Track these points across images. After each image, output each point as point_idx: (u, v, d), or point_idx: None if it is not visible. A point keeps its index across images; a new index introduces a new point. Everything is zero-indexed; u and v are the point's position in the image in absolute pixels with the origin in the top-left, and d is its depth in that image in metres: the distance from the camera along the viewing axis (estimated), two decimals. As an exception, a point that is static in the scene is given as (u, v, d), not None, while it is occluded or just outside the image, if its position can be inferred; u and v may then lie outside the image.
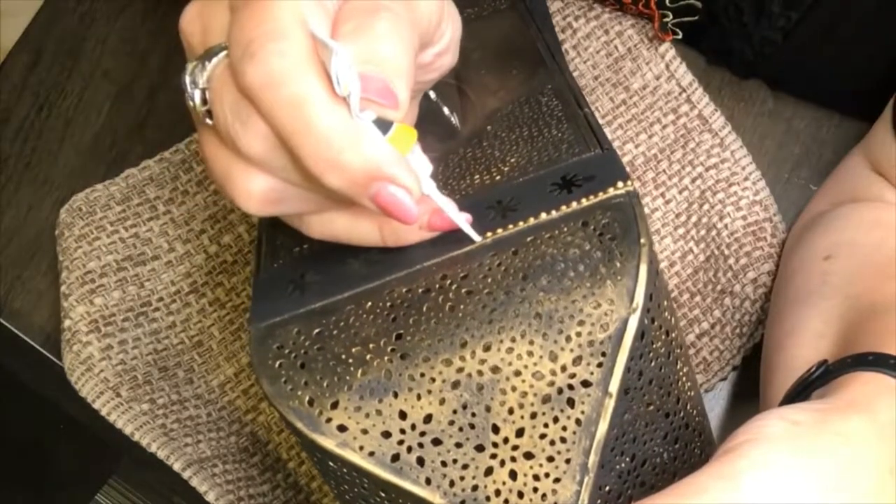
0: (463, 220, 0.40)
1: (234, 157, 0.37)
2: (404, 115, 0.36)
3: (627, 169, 0.59)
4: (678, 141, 0.65)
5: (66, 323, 0.64)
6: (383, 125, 0.35)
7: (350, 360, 0.39)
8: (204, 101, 0.37)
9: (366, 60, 0.35)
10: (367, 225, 0.40)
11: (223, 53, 0.36)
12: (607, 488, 0.40)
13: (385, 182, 0.36)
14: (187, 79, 0.38)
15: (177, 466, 0.60)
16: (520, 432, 0.38)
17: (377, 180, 0.35)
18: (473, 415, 0.38)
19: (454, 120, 0.49)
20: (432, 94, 0.48)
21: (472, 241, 0.41)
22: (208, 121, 0.37)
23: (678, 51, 0.66)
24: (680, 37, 0.64)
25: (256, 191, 0.37)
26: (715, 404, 0.64)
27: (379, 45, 0.35)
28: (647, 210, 0.64)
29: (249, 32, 0.34)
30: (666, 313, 0.41)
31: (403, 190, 0.36)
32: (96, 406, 0.62)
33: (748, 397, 0.64)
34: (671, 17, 0.64)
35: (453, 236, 0.41)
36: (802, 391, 0.44)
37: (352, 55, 0.35)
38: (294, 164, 0.36)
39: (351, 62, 0.34)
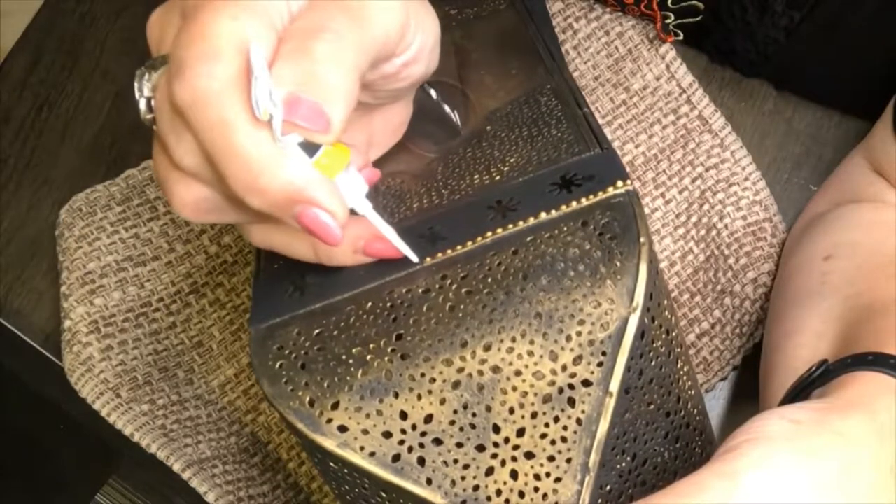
0: (402, 243, 0.41)
1: (172, 165, 0.37)
2: (337, 136, 0.36)
3: (627, 169, 0.59)
4: (678, 141, 0.65)
5: (67, 323, 0.64)
6: (312, 147, 0.36)
7: (350, 361, 0.39)
8: (150, 109, 0.38)
9: (300, 83, 0.35)
10: (301, 242, 0.40)
11: (168, 65, 0.36)
12: (608, 488, 0.40)
13: (306, 205, 0.36)
14: (135, 85, 0.38)
15: (177, 467, 0.60)
16: (520, 432, 0.38)
17: (298, 203, 0.36)
18: (474, 415, 0.38)
19: (455, 119, 0.49)
20: (434, 94, 0.48)
21: (472, 241, 0.41)
22: (154, 127, 0.38)
23: (679, 50, 0.66)
24: (681, 38, 0.65)
25: (190, 200, 0.38)
26: (715, 404, 0.64)
27: (315, 68, 0.35)
28: (647, 210, 0.64)
29: (184, 50, 0.34)
30: (666, 312, 0.41)
31: (326, 213, 0.36)
32: (96, 407, 0.62)
33: (748, 397, 0.64)
34: (673, 18, 0.64)
35: (452, 237, 0.41)
36: (802, 391, 0.44)
37: (284, 75, 0.34)
38: (222, 181, 0.36)
39: (272, 87, 0.34)
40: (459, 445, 0.38)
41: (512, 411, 0.38)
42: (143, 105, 0.38)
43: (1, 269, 0.69)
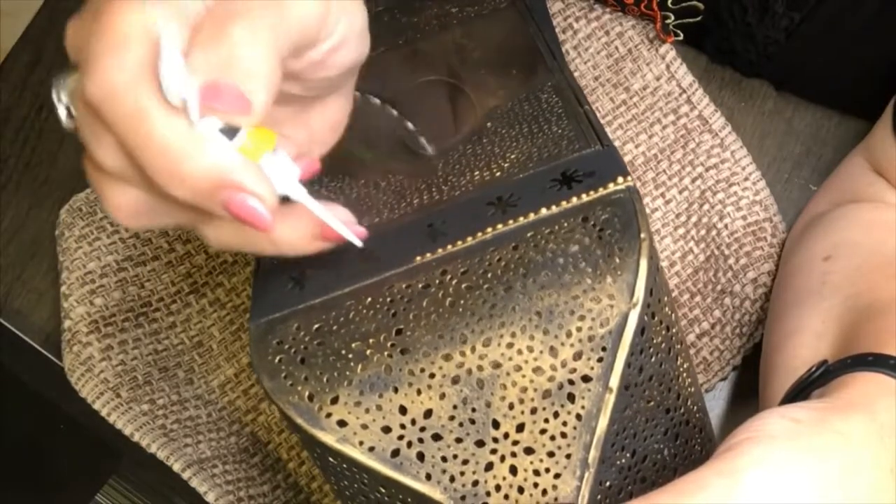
0: (340, 225, 0.39)
1: (100, 170, 0.37)
2: (260, 118, 0.35)
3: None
4: (678, 141, 0.65)
5: (67, 323, 0.64)
6: (232, 131, 0.35)
7: (350, 356, 0.39)
8: (71, 116, 0.37)
9: (219, 66, 0.34)
10: (255, 234, 0.39)
11: None
12: (608, 483, 0.40)
13: (232, 190, 0.35)
14: (53, 94, 0.37)
15: (176, 467, 0.60)
16: (520, 427, 0.38)
17: (223, 188, 0.35)
18: (474, 410, 0.38)
19: (410, 126, 0.49)
20: (377, 101, 0.48)
21: (472, 237, 0.41)
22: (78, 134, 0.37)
23: (679, 51, 0.66)
24: (681, 38, 0.65)
25: (122, 203, 0.37)
26: (715, 404, 0.64)
27: (233, 51, 0.34)
28: (647, 210, 0.64)
29: (92, 46, 0.34)
30: (666, 309, 0.41)
31: (254, 196, 0.35)
32: (96, 407, 0.62)
33: (748, 397, 0.64)
34: (673, 18, 0.64)
35: (452, 232, 0.41)
36: (802, 391, 0.44)
37: (203, 61, 0.34)
38: (146, 177, 0.35)
39: (181, 68, 0.33)
40: (459, 441, 0.38)
41: (511, 407, 0.38)
42: (62, 113, 0.37)
43: (1, 269, 0.69)
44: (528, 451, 0.38)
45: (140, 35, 0.34)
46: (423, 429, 0.38)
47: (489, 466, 0.38)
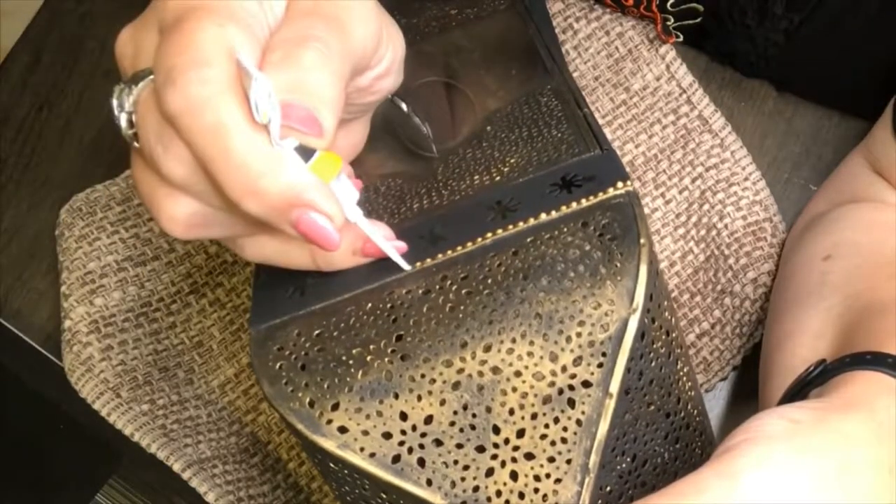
0: (391, 249, 0.41)
1: (158, 180, 0.37)
2: (331, 142, 0.36)
3: (627, 169, 0.59)
4: (678, 141, 0.65)
5: (67, 323, 0.64)
6: (306, 153, 0.36)
7: (350, 362, 0.39)
8: (131, 125, 0.37)
9: (291, 90, 0.35)
10: (297, 249, 0.40)
11: (150, 78, 0.36)
12: (608, 489, 0.40)
13: (305, 208, 0.36)
14: (114, 102, 0.38)
15: (176, 467, 0.60)
16: (520, 433, 0.38)
17: (296, 207, 0.36)
18: (474, 415, 0.38)
19: (427, 131, 0.49)
20: (404, 106, 0.48)
21: (472, 242, 0.41)
22: (136, 144, 0.37)
23: (679, 51, 0.66)
24: (681, 39, 0.65)
25: (180, 215, 0.37)
26: (715, 404, 0.64)
27: (305, 75, 0.35)
28: (647, 210, 0.64)
29: (173, 58, 0.34)
30: (666, 313, 0.41)
31: (324, 216, 0.36)
32: (96, 407, 0.62)
33: (748, 397, 0.64)
34: (672, 20, 0.64)
35: (452, 237, 0.42)
36: (800, 390, 0.44)
37: (275, 83, 0.34)
38: (215, 190, 0.36)
39: (271, 90, 0.34)
40: (459, 446, 0.38)
41: (512, 412, 0.38)
42: (123, 121, 0.38)
43: (1, 269, 0.69)
44: (529, 456, 0.38)
45: (222, 52, 0.34)
46: (423, 434, 0.38)
47: (490, 472, 0.38)
